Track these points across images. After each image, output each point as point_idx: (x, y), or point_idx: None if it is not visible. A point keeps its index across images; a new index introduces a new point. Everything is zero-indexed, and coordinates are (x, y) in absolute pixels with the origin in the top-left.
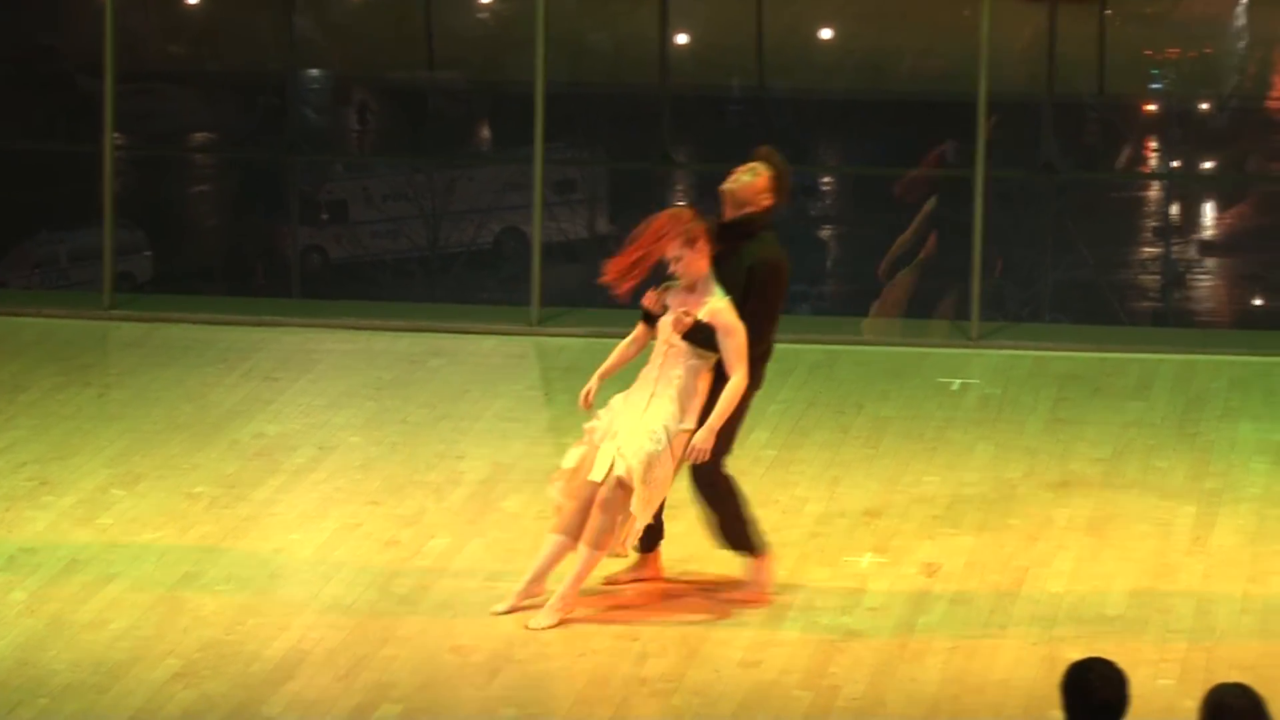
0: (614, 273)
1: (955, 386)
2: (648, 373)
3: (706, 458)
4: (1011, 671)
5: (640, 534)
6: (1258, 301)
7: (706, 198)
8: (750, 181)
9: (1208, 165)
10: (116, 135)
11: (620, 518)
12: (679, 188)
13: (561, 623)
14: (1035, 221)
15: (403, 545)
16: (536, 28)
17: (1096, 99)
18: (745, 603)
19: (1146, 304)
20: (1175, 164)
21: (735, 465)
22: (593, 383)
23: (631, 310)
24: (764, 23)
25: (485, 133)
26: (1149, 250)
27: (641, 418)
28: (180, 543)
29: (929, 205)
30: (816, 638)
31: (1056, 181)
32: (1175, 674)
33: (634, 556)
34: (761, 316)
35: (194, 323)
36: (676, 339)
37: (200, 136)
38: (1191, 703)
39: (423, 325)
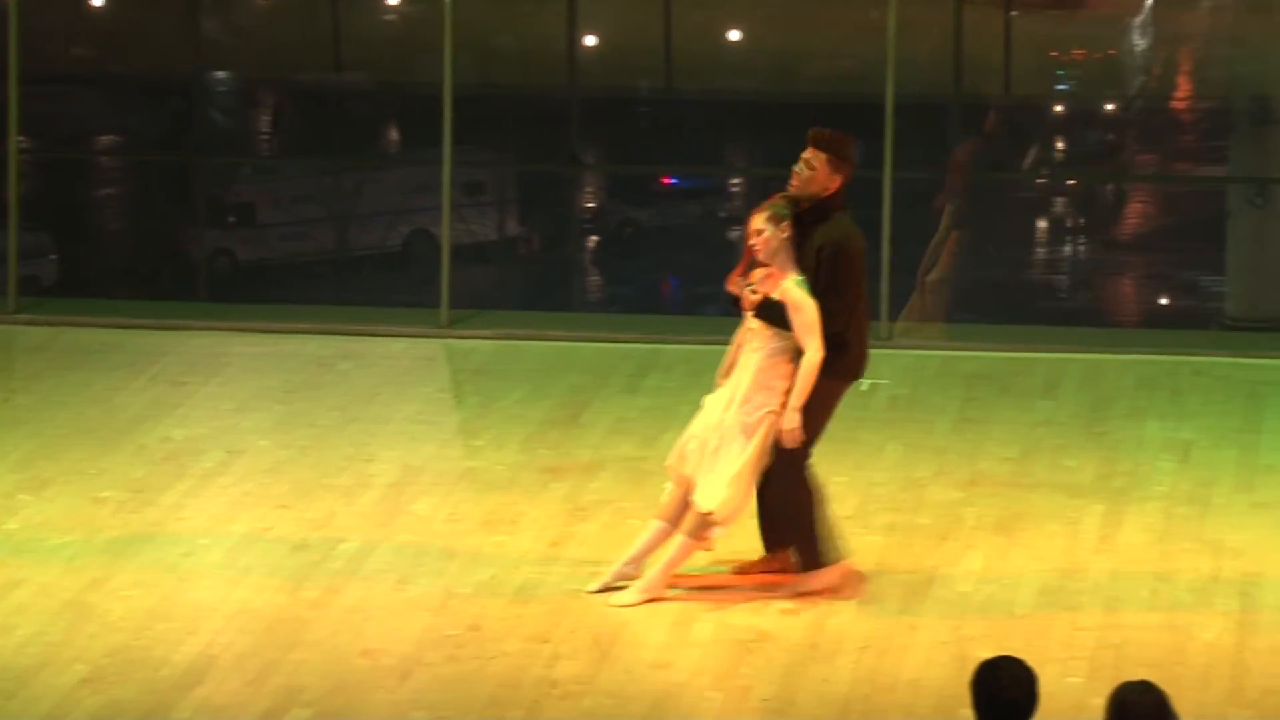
0: (732, 281)
1: (864, 387)
2: (741, 359)
3: (797, 440)
4: (922, 671)
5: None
6: (1164, 301)
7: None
8: (810, 176)
9: (1114, 166)
10: (21, 138)
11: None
12: (588, 189)
13: (645, 602)
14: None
15: (312, 549)
16: (444, 30)
17: (1003, 100)
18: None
19: (1054, 303)
20: (1055, 168)
21: (645, 466)
22: (719, 383)
23: (545, 312)
24: (672, 24)
25: (394, 135)
26: (1057, 250)
27: (724, 414)
28: (88, 547)
29: (949, 208)
30: (728, 639)
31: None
32: (1083, 671)
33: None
34: (829, 296)
35: (100, 327)
36: (754, 321)
37: (106, 139)
38: (1099, 700)
39: (332, 328)
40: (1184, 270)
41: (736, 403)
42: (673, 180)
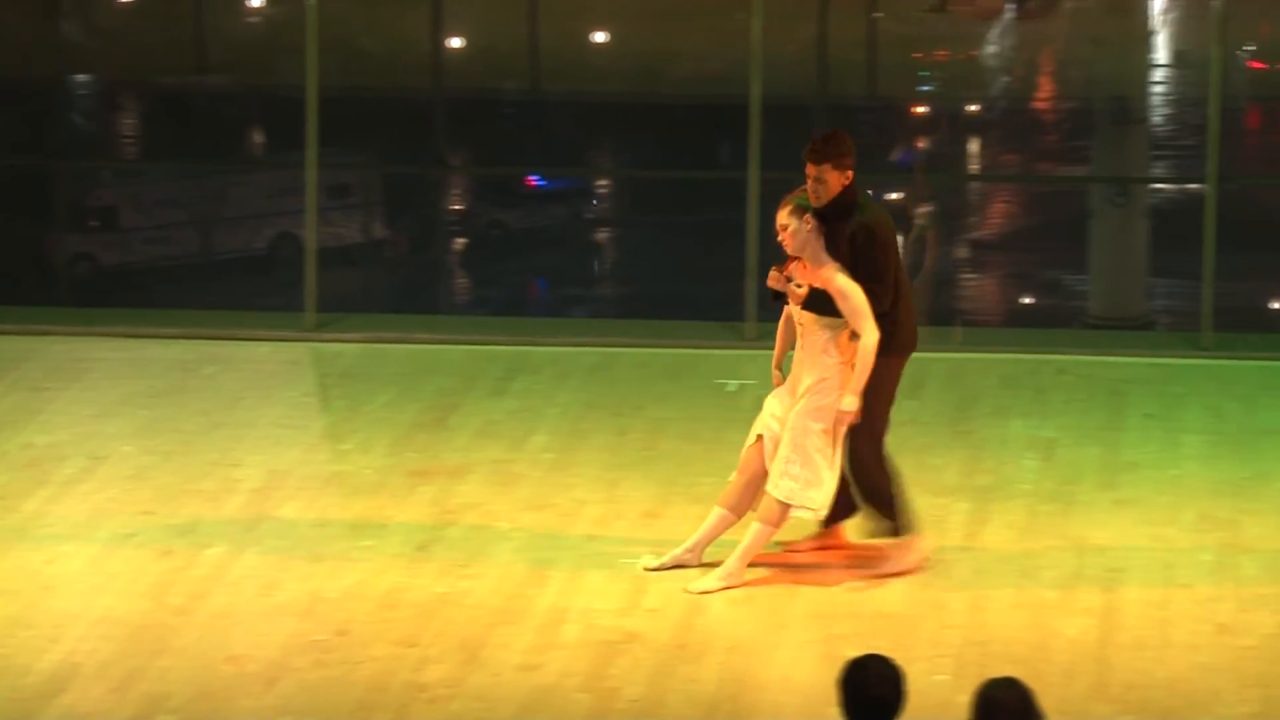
0: (772, 277)
1: (732, 388)
2: (796, 353)
3: (857, 420)
4: (789, 670)
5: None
6: (1027, 300)
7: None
8: (824, 189)
9: (977, 165)
10: None
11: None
12: (455, 191)
13: (724, 589)
14: None
15: (177, 555)
16: (309, 32)
17: (868, 100)
18: (882, 575)
19: (918, 303)
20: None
21: (514, 469)
22: (775, 377)
23: (412, 315)
24: (538, 26)
25: (258, 137)
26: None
27: (790, 407)
28: None
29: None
30: (596, 640)
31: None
32: (950, 669)
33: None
34: (872, 279)
35: None
36: (803, 314)
37: None
38: (965, 697)
39: (196, 332)
40: (1047, 269)
41: (802, 394)
42: (537, 181)
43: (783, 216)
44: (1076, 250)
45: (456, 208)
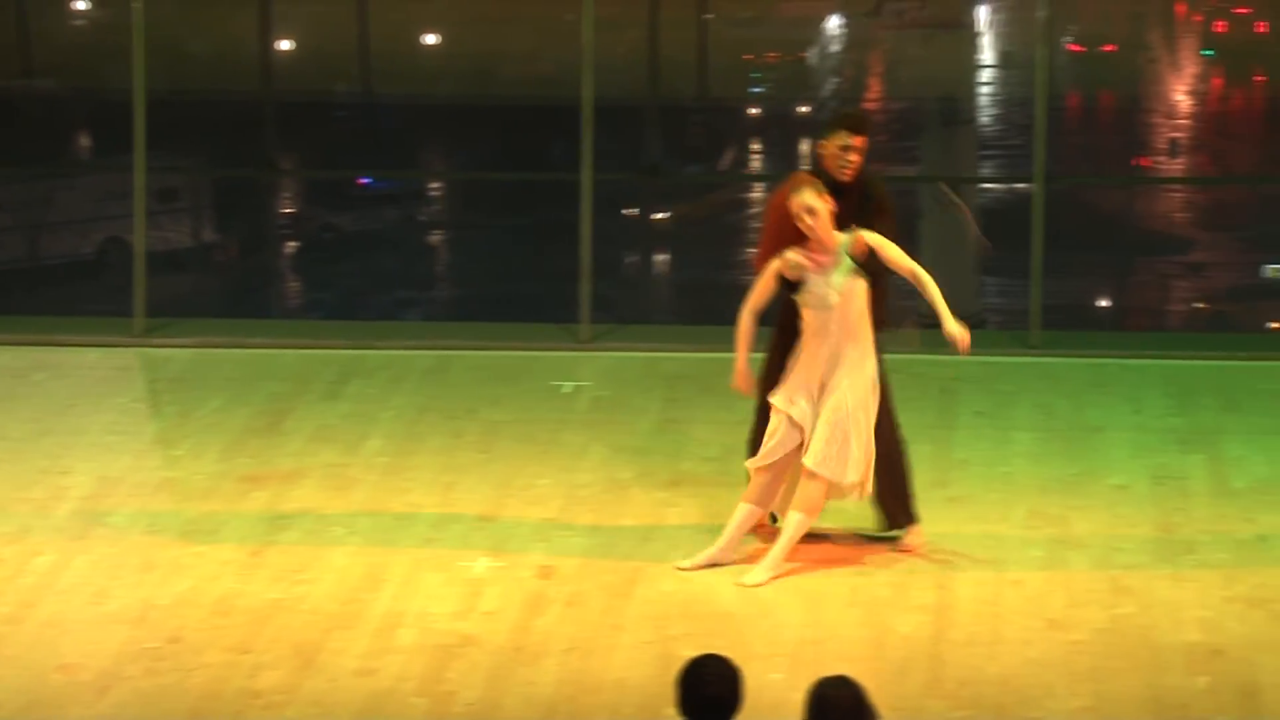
0: (759, 260)
1: (567, 389)
2: (820, 347)
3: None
4: (627, 671)
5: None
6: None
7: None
8: (860, 161)
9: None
10: None
11: (827, 486)
12: (286, 194)
13: (774, 579)
14: (642, 223)
15: (6, 563)
16: (135, 34)
17: (699, 101)
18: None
19: None
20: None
21: (348, 473)
22: (742, 363)
23: (244, 319)
24: (368, 28)
25: (85, 141)
26: (754, 250)
27: (823, 398)
28: None
29: None
30: (432, 644)
31: (662, 183)
32: (785, 668)
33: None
34: (897, 240)
35: None
36: (834, 297)
37: None
38: (801, 695)
39: (24, 339)
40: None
41: (844, 375)
42: (369, 183)
43: (810, 199)
44: (907, 250)
45: (288, 211)
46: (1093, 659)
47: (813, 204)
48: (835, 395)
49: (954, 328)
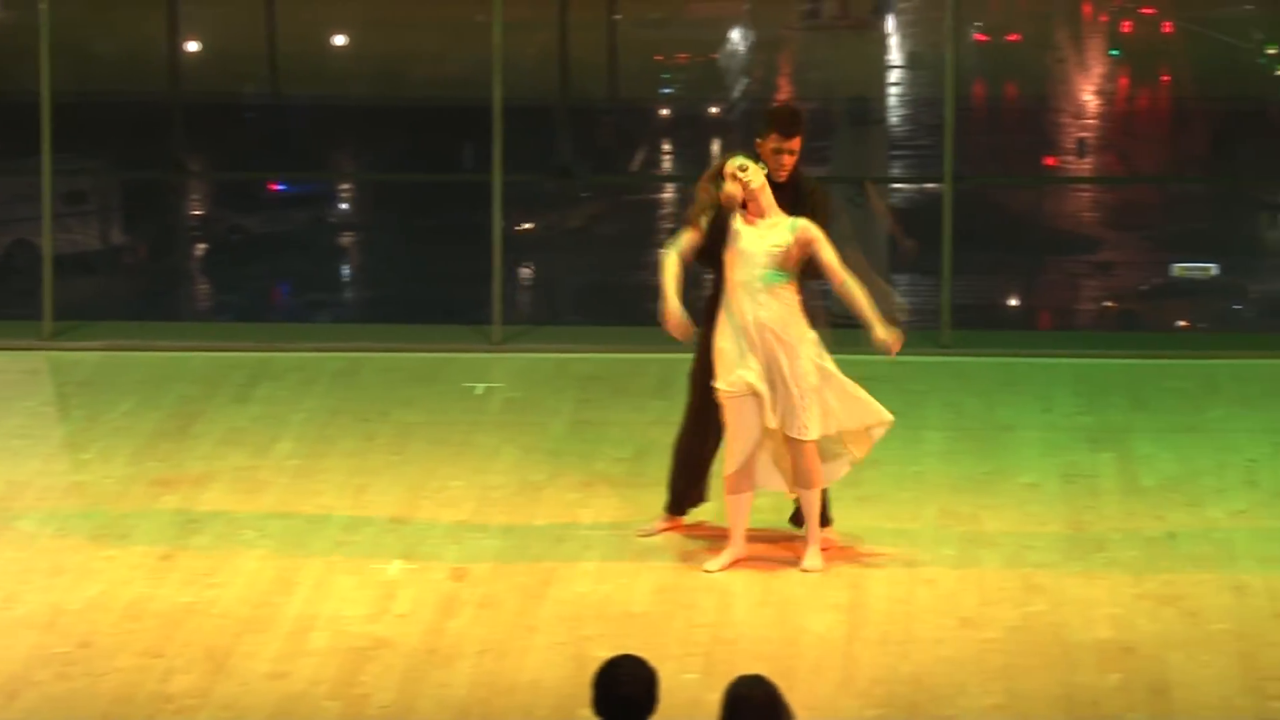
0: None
1: (479, 391)
2: (748, 314)
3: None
4: (541, 672)
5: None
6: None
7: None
8: (795, 160)
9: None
10: None
11: (814, 450)
12: (195, 196)
13: (824, 551)
14: (552, 224)
15: None
16: (41, 36)
17: (610, 103)
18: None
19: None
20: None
21: (259, 476)
22: (671, 301)
23: (153, 322)
24: (276, 30)
25: None
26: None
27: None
28: None
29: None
30: (345, 646)
31: (573, 185)
32: (700, 668)
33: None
34: (831, 231)
35: None
36: (771, 278)
37: None
38: (715, 695)
39: None
40: None
41: (782, 357)
42: (280, 186)
43: (745, 161)
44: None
45: (197, 213)
46: (1005, 657)
47: (747, 164)
48: (789, 362)
49: (884, 334)
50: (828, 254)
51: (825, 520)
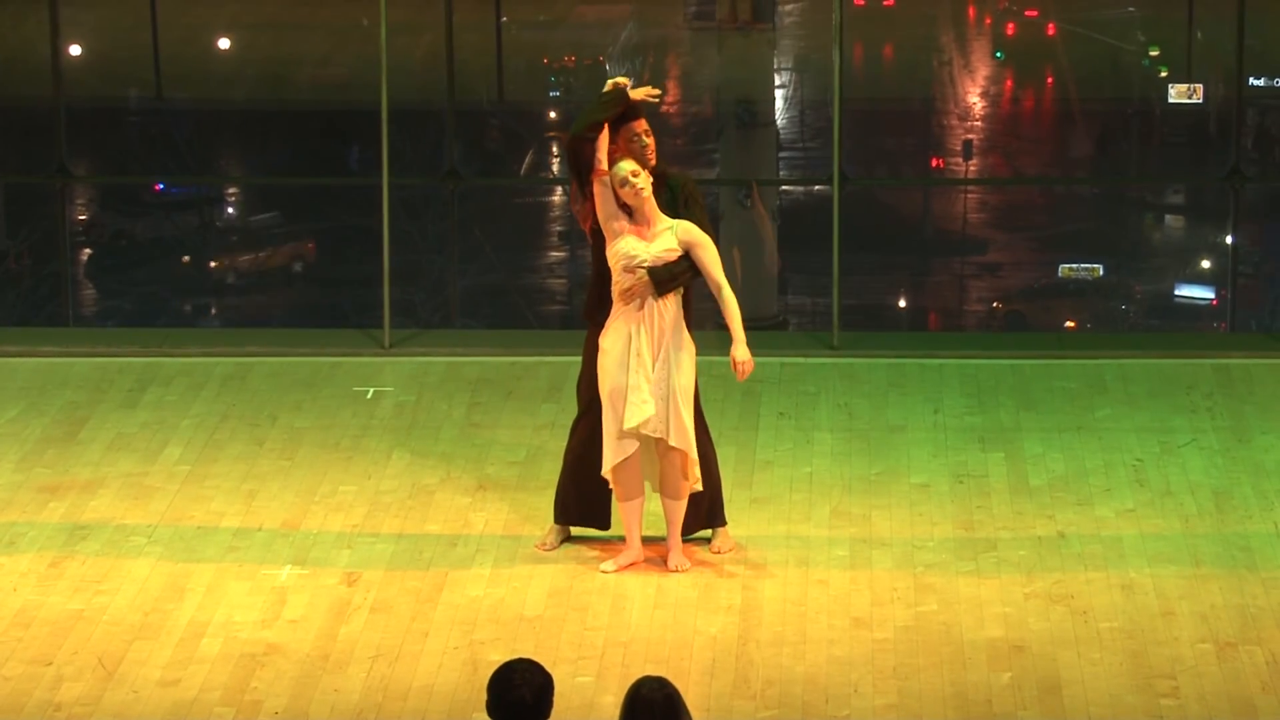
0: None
1: (369, 395)
2: (638, 321)
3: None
4: (434, 677)
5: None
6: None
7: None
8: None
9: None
10: None
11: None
12: (79, 201)
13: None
14: (442, 228)
15: None
16: None
17: (497, 106)
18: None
19: (555, 307)
20: None
21: (148, 482)
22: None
23: (37, 328)
24: (159, 33)
25: None
26: (555, 254)
27: (660, 377)
28: None
29: None
30: (237, 652)
31: (461, 188)
32: (594, 671)
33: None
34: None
35: None
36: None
37: None
38: (611, 698)
39: None
40: None
41: (671, 366)
42: (163, 189)
43: (632, 164)
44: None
45: (81, 218)
46: (897, 656)
47: (635, 169)
48: (675, 372)
49: (742, 353)
50: (708, 254)
51: (720, 520)
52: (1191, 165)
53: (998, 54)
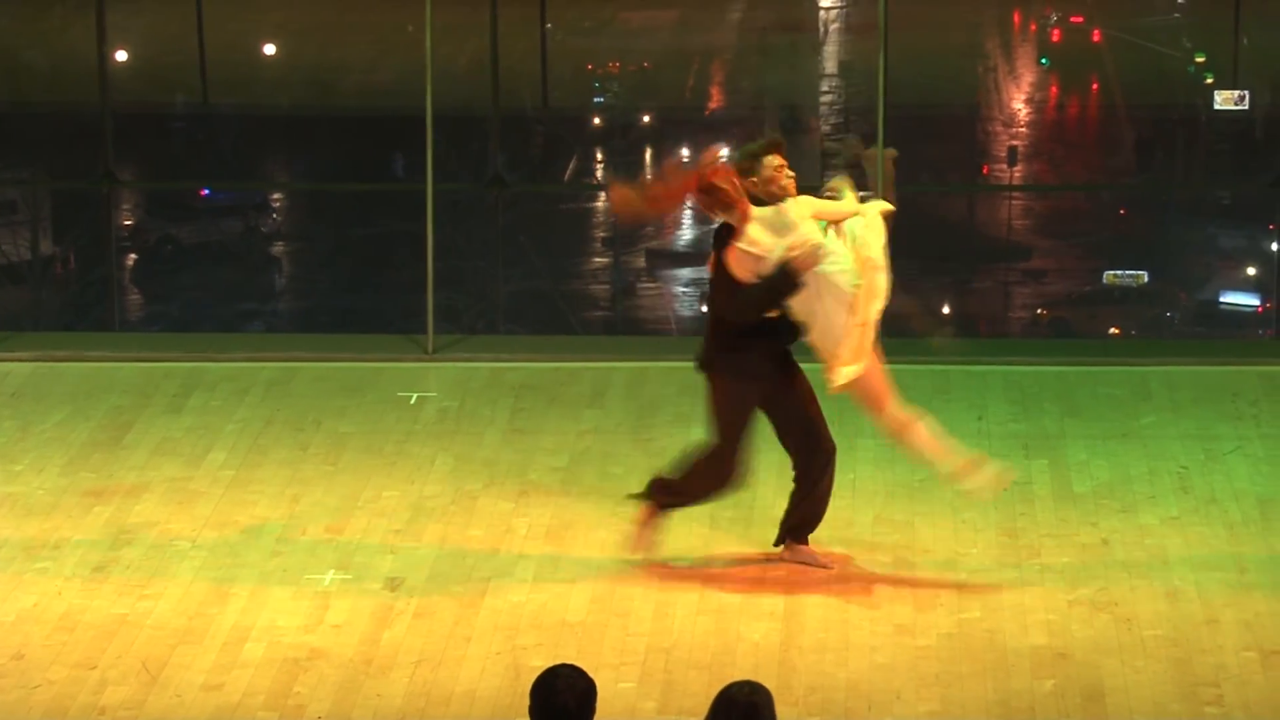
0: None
1: (413, 400)
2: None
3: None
4: (477, 682)
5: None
6: (705, 309)
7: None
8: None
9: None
10: None
11: None
12: (125, 206)
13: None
14: (486, 234)
15: None
16: None
17: (541, 112)
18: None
19: (598, 313)
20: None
21: (192, 486)
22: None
23: (84, 333)
24: (205, 39)
25: None
26: (599, 261)
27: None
28: None
29: None
30: (280, 657)
31: (505, 194)
32: (635, 676)
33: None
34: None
35: None
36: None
37: None
38: (652, 704)
39: None
40: None
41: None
42: (206, 191)
43: (780, 161)
44: None
45: (128, 223)
46: (940, 664)
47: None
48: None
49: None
50: (834, 206)
51: (802, 539)
52: (1237, 172)
53: (1043, 60)
